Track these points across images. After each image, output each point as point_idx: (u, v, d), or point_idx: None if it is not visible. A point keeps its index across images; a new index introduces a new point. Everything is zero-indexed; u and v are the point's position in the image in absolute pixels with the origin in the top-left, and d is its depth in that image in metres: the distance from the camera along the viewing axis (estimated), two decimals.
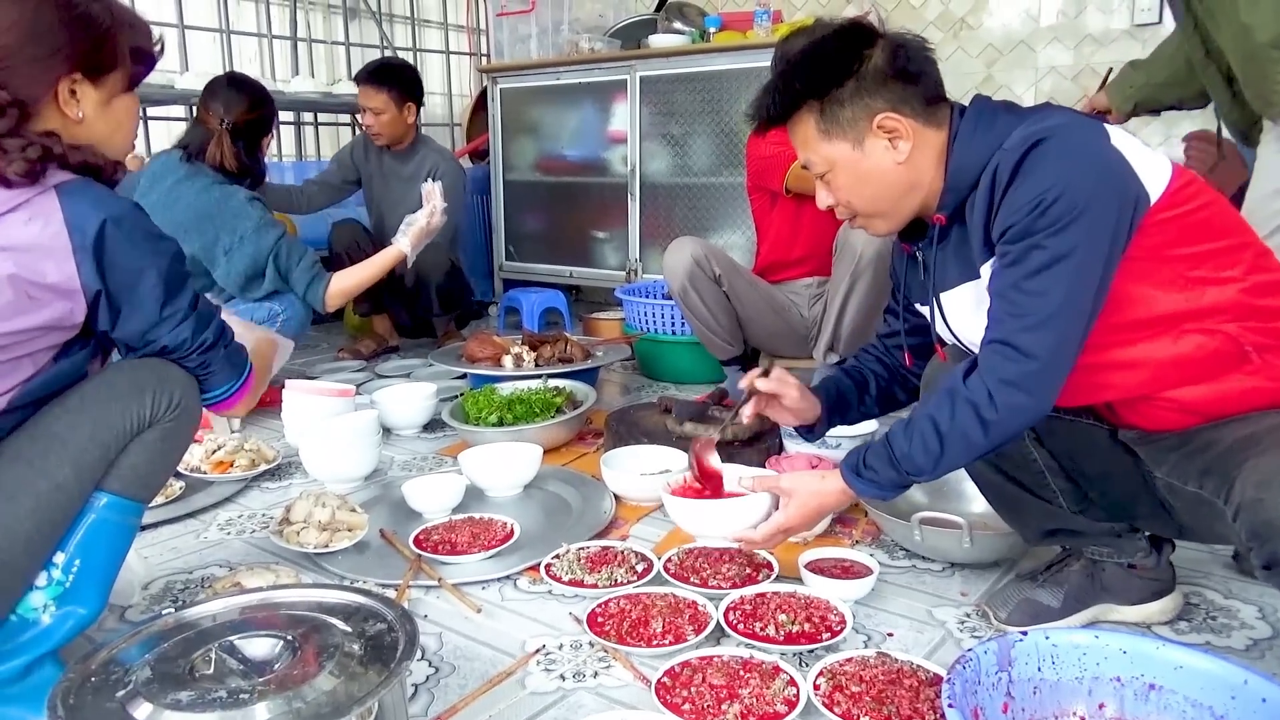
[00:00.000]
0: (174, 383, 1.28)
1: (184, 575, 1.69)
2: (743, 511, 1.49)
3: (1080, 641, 1.12)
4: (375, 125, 3.46)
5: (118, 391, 1.24)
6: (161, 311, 1.24)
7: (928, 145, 1.29)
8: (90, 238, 1.16)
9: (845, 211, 1.38)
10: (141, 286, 1.22)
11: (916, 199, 1.33)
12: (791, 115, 1.33)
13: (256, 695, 0.97)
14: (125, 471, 1.25)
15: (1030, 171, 1.16)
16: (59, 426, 1.21)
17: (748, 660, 1.28)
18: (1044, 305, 1.15)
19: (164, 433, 1.27)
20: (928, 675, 1.24)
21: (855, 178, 1.32)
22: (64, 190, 1.16)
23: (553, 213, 4.47)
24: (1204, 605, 1.51)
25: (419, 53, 5.13)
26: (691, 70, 3.79)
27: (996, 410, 1.18)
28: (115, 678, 1.02)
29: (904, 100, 1.27)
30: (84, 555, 1.23)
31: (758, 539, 1.45)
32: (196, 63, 4.16)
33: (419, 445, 2.52)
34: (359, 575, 1.63)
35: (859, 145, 1.29)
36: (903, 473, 1.27)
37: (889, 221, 1.37)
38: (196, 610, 1.17)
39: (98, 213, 1.16)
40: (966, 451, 1.23)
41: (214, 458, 2.18)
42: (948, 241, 1.33)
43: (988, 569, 1.65)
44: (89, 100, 1.25)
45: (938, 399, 1.24)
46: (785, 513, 1.42)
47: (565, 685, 1.31)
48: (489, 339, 2.85)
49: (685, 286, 2.55)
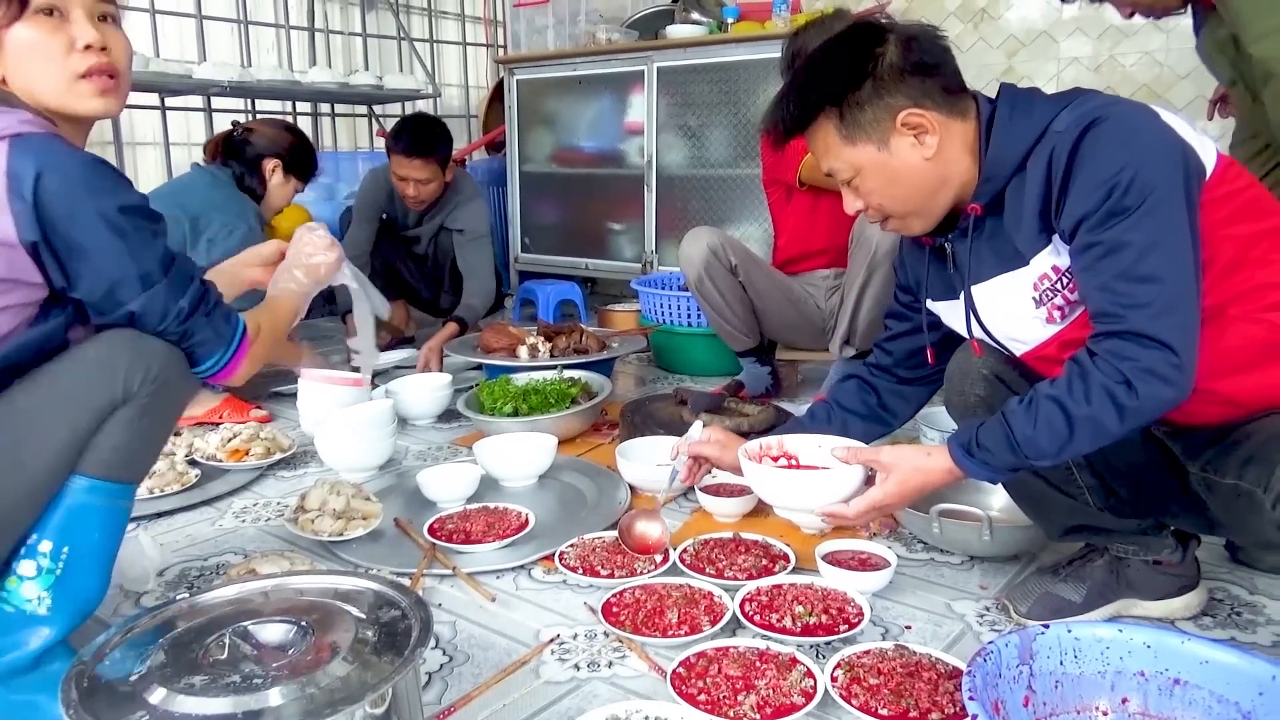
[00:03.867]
0: (150, 356, 1.21)
1: (199, 562, 1.70)
2: (833, 484, 1.40)
3: (1103, 635, 1.10)
4: (421, 195, 3.21)
5: (88, 365, 1.18)
6: (121, 268, 1.16)
7: (955, 137, 1.26)
8: (28, 184, 1.09)
9: (876, 215, 1.35)
10: (89, 238, 1.14)
11: (950, 193, 1.29)
12: (809, 124, 1.30)
13: (270, 680, 0.97)
14: (105, 453, 1.20)
15: (1092, 154, 1.14)
16: (24, 401, 1.16)
17: (764, 651, 1.27)
18: (1163, 291, 1.11)
19: (142, 409, 1.20)
20: (946, 668, 1.22)
21: (885, 179, 1.28)
22: (16, 142, 1.11)
23: (569, 204, 4.46)
24: (1229, 601, 1.49)
25: (436, 44, 5.13)
26: (709, 61, 3.77)
27: (1137, 397, 1.11)
28: (128, 662, 1.02)
29: (925, 94, 1.24)
30: (72, 541, 1.20)
31: (850, 515, 1.37)
32: (214, 53, 4.18)
33: (434, 435, 2.51)
34: (373, 563, 1.63)
35: (884, 146, 1.26)
36: (1022, 456, 1.19)
37: (924, 220, 1.33)
38: (210, 596, 1.17)
39: (38, 159, 1.10)
40: (1095, 438, 1.16)
41: (229, 446, 2.18)
42: (982, 232, 1.29)
43: (1007, 562, 1.63)
44: None
45: (1064, 383, 1.16)
46: (883, 488, 1.33)
47: (580, 675, 1.30)
48: (504, 329, 2.84)
49: (701, 276, 2.55)
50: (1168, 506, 1.37)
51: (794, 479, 1.47)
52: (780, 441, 1.59)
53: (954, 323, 1.44)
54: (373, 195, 3.40)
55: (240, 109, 4.35)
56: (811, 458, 1.54)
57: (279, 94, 4.26)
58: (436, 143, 3.17)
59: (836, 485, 1.40)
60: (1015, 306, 1.29)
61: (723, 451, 1.60)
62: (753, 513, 1.84)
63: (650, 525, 1.64)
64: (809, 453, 1.55)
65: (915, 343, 1.56)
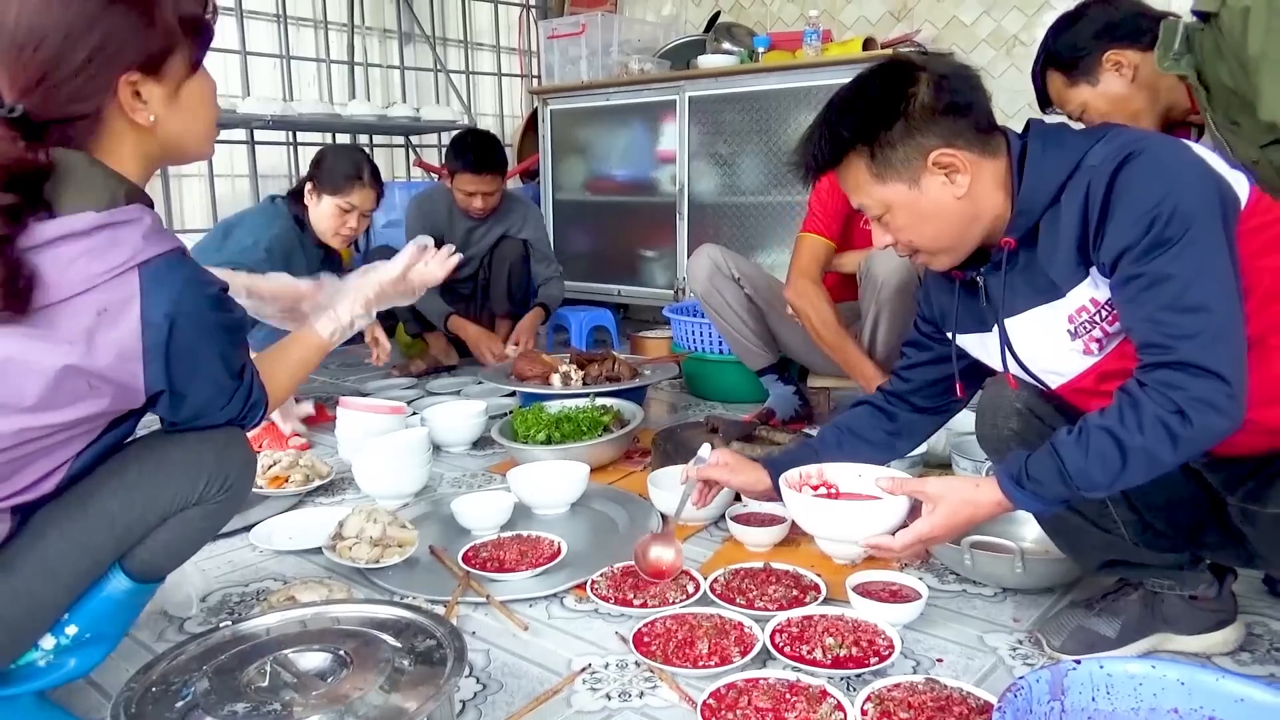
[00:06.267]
0: (230, 463, 1.23)
1: (240, 588, 1.73)
2: (878, 516, 1.39)
3: (1136, 671, 1.10)
4: (488, 206, 3.44)
5: (175, 471, 1.19)
6: (217, 391, 1.19)
7: (986, 174, 1.27)
8: (162, 335, 1.08)
9: (905, 250, 1.35)
10: (204, 379, 1.16)
11: (979, 229, 1.30)
12: (840, 161, 1.32)
13: (309, 708, 1.00)
14: (155, 552, 1.21)
15: (1130, 187, 1.14)
16: (112, 504, 1.16)
17: (794, 683, 1.27)
18: (1211, 321, 1.11)
19: (207, 512, 1.23)
20: (978, 703, 1.22)
21: (915, 217, 1.29)
22: (147, 274, 1.06)
23: (601, 232, 4.51)
24: (1268, 636, 1.47)
25: (471, 75, 5.23)
26: (740, 90, 3.81)
27: (1191, 427, 1.10)
28: (175, 689, 1.05)
29: (956, 134, 1.25)
30: (96, 629, 1.20)
31: (896, 547, 1.36)
32: (257, 88, 4.29)
33: (468, 462, 2.55)
34: (409, 591, 1.65)
35: (915, 185, 1.27)
36: (1074, 488, 1.18)
37: (952, 256, 1.34)
38: (252, 624, 1.20)
39: (171, 302, 1.07)
40: (1149, 469, 1.15)
41: (270, 473, 2.23)
42: (1015, 265, 1.30)
43: (1041, 595, 1.62)
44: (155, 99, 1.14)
45: (1115, 414, 1.15)
46: (930, 520, 1.32)
47: (611, 705, 1.31)
48: (537, 357, 2.88)
49: (708, 288, 2.65)
50: (1204, 539, 1.36)
51: (838, 510, 1.45)
52: (820, 470, 1.59)
53: (983, 356, 1.44)
54: (424, 221, 3.50)
55: (282, 141, 4.46)
56: (851, 486, 1.53)
57: (320, 126, 4.37)
58: (499, 155, 3.43)
59: (881, 517, 1.39)
60: (1051, 339, 1.29)
61: (731, 474, 1.61)
62: (784, 542, 1.85)
63: (664, 550, 1.65)
64: (849, 481, 1.54)
65: (933, 372, 1.57)
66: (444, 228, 3.53)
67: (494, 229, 3.59)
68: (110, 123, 1.12)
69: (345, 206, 2.74)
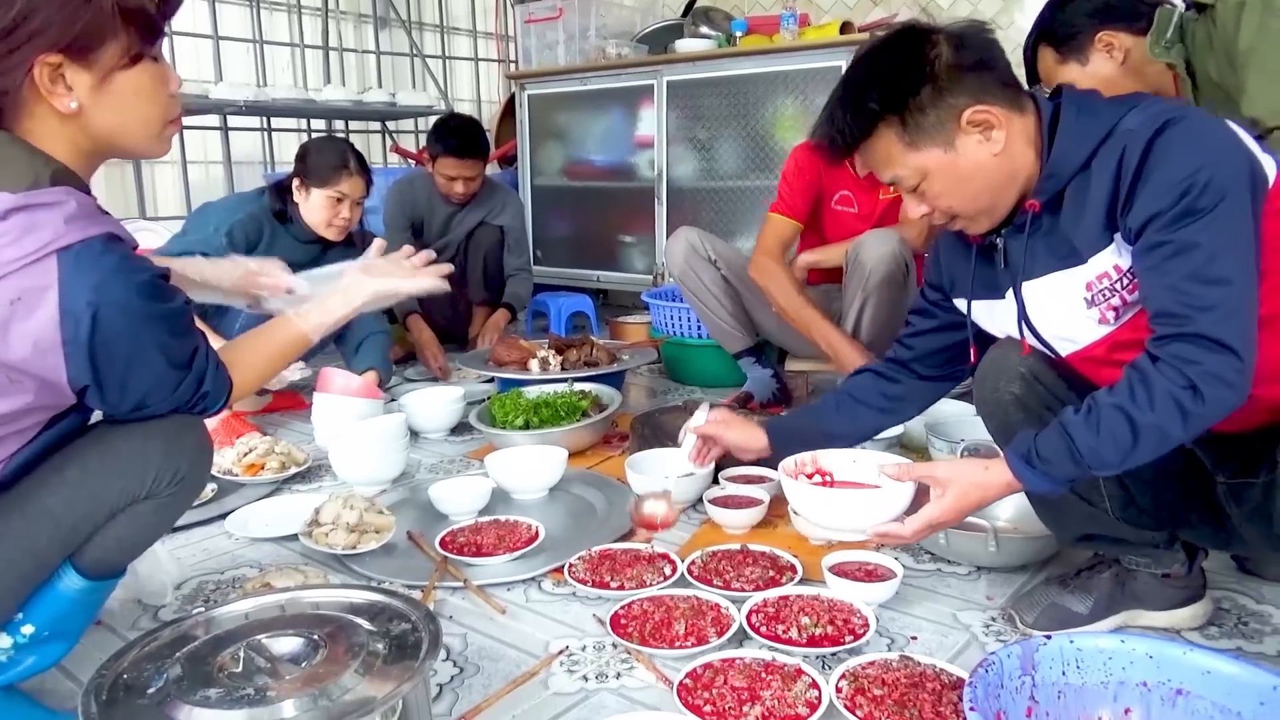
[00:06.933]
0: (182, 455, 1.19)
1: (215, 576, 1.72)
2: (886, 503, 1.37)
3: (1105, 646, 1.11)
4: (469, 190, 3.44)
5: (121, 466, 1.15)
6: (158, 380, 1.13)
7: (1018, 131, 1.25)
8: (84, 327, 1.02)
9: (943, 218, 1.33)
10: (139, 370, 1.10)
11: (1016, 188, 1.28)
12: (869, 135, 1.28)
13: (283, 693, 0.99)
14: (107, 549, 1.17)
15: (1167, 155, 1.13)
16: (53, 501, 1.11)
17: (770, 663, 1.28)
18: (1231, 295, 1.10)
19: (159, 506, 1.19)
20: (951, 679, 1.23)
21: (954, 180, 1.27)
22: (66, 260, 1.00)
23: (580, 217, 4.50)
24: (1235, 610, 1.49)
25: (448, 60, 5.18)
26: (718, 74, 3.80)
27: (1203, 403, 1.09)
28: (147, 675, 1.04)
29: (984, 89, 1.23)
30: (54, 628, 1.18)
31: (906, 534, 1.34)
32: (230, 73, 4.24)
33: (446, 448, 2.54)
34: (386, 576, 1.65)
35: (950, 147, 1.25)
36: (1085, 467, 1.17)
37: (991, 217, 1.31)
38: (226, 609, 1.19)
39: (95, 291, 1.01)
40: (1159, 446, 1.14)
41: (245, 460, 2.21)
42: (1038, 229, 1.28)
43: (1014, 573, 1.64)
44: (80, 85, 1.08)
45: (1125, 390, 1.14)
46: (940, 505, 1.30)
47: (588, 686, 1.32)
48: (515, 343, 2.87)
49: (685, 269, 2.67)
50: (1186, 517, 1.37)
51: (844, 499, 1.42)
52: (814, 458, 1.57)
53: (993, 321, 1.42)
54: (403, 206, 3.51)
55: (257, 127, 4.41)
56: (847, 473, 1.51)
57: (294, 112, 4.32)
58: (482, 140, 3.43)
59: (889, 504, 1.37)
60: (1067, 305, 1.27)
61: (728, 430, 1.61)
62: (761, 524, 1.85)
63: (658, 503, 1.65)
64: (844, 468, 1.52)
65: (939, 340, 1.56)
66: (423, 213, 3.53)
67: (473, 215, 3.57)
68: (31, 104, 1.07)
69: (335, 197, 2.72)
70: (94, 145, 1.14)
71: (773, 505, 1.89)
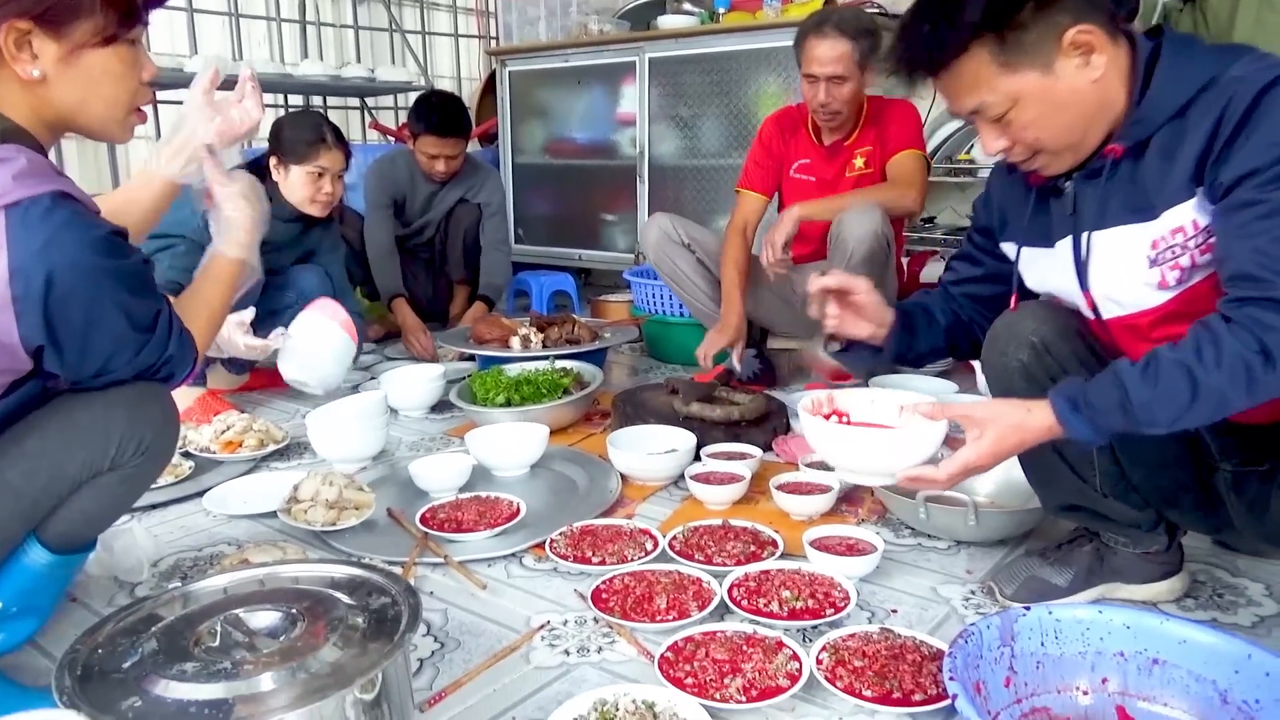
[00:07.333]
0: (146, 425, 1.16)
1: (193, 553, 1.71)
2: (915, 444, 1.26)
3: (1083, 616, 1.12)
4: (449, 169, 3.41)
5: (83, 436, 1.12)
6: (119, 343, 1.10)
7: (1116, 61, 1.16)
8: (36, 285, 1.00)
9: (1025, 151, 1.22)
10: (97, 330, 1.07)
11: (1104, 126, 1.19)
12: (962, 54, 1.16)
13: (261, 666, 0.98)
14: (73, 522, 1.15)
15: (1274, 109, 1.06)
16: (12, 474, 1.09)
17: (751, 635, 1.28)
18: None
19: (124, 477, 1.17)
20: (930, 650, 1.24)
21: (1048, 107, 1.16)
22: (15, 216, 0.98)
23: (562, 196, 4.47)
24: (1211, 583, 1.50)
25: (428, 35, 5.12)
26: (700, 52, 3.77)
27: (1274, 371, 1.03)
28: (122, 650, 1.03)
29: (1088, 9, 1.14)
30: (22, 603, 1.17)
31: (941, 478, 1.22)
32: (205, 46, 4.17)
33: (427, 426, 2.53)
34: (366, 553, 1.64)
35: (1049, 70, 1.14)
36: (1134, 420, 1.09)
37: (1076, 154, 1.22)
38: (203, 584, 1.18)
39: (47, 251, 0.99)
40: (1216, 410, 1.08)
41: (223, 438, 2.19)
42: (1115, 176, 1.20)
43: (993, 547, 1.65)
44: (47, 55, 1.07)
45: (1191, 347, 1.07)
46: (976, 448, 1.19)
47: (569, 660, 1.31)
48: (496, 320, 2.85)
49: (659, 254, 2.71)
50: (1179, 500, 1.36)
51: (873, 439, 1.29)
52: (830, 397, 1.45)
53: (1034, 272, 1.36)
54: (385, 184, 3.48)
55: None
56: (864, 414, 1.40)
57: (270, 87, 4.24)
58: (464, 119, 3.38)
59: (920, 444, 1.26)
60: (1127, 263, 1.20)
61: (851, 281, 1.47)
62: (742, 500, 1.86)
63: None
64: (861, 409, 1.41)
65: (984, 289, 1.49)
66: (405, 190, 3.51)
67: (454, 192, 3.54)
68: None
69: (315, 172, 2.67)
70: (55, 117, 1.13)
71: (754, 481, 1.89)
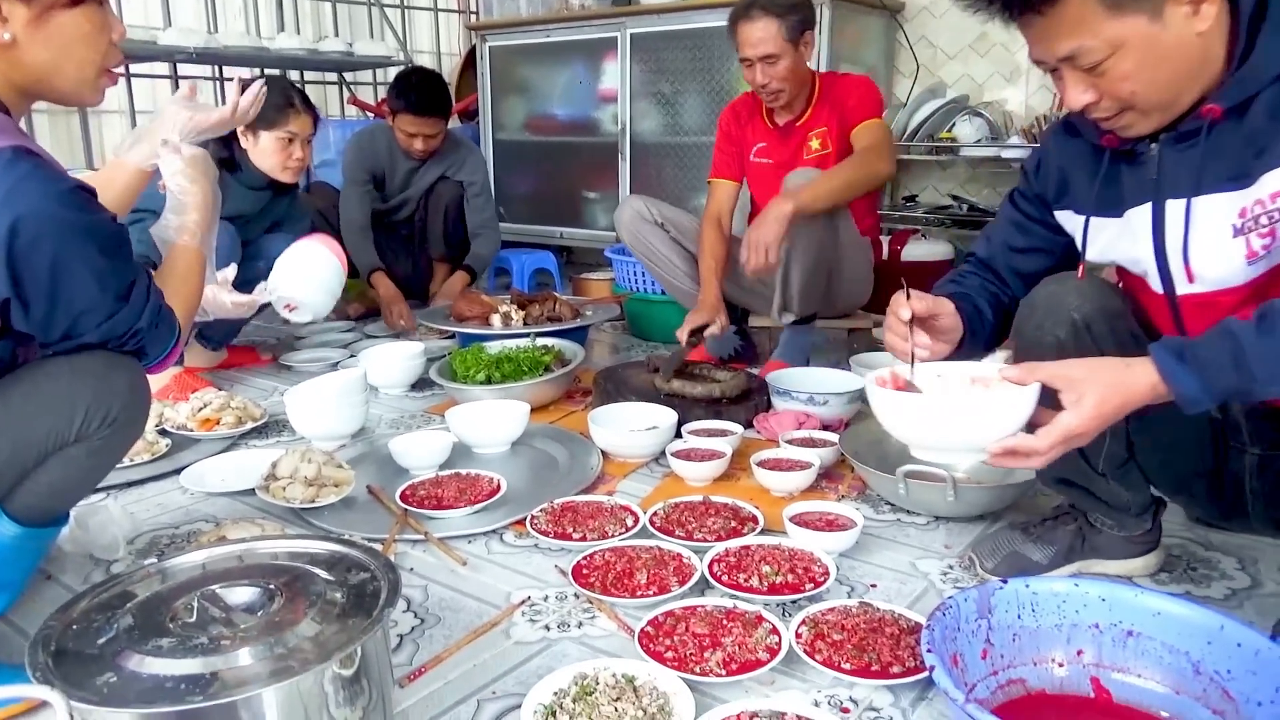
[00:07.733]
0: (114, 395, 1.14)
1: (170, 530, 1.69)
2: (1007, 412, 1.09)
3: (1060, 590, 1.13)
4: (429, 147, 3.39)
5: (48, 404, 1.10)
6: (88, 303, 1.09)
7: (1221, 15, 1.07)
8: (2, 235, 0.99)
9: (1113, 107, 1.13)
10: (64, 285, 1.05)
11: (1201, 83, 1.10)
12: None
13: (238, 641, 0.98)
14: (39, 494, 1.13)
15: None
16: None
17: (731, 610, 1.29)
18: None
19: (91, 450, 1.15)
20: (909, 624, 1.25)
21: (1151, 58, 1.07)
22: None
23: (543, 173, 4.44)
24: (1185, 557, 1.52)
25: (406, 9, 5.05)
26: (683, 27, 3.75)
27: None
28: (97, 625, 1.02)
29: None
30: None
31: (1041, 449, 1.08)
32: (180, 18, 4.10)
33: (407, 404, 2.51)
34: (346, 530, 1.63)
35: (1157, 17, 1.05)
36: (1246, 375, 0.99)
37: (1165, 114, 1.13)
38: (179, 561, 1.17)
39: (12, 201, 0.99)
40: None
41: (200, 415, 2.17)
42: (1211, 139, 1.12)
43: (972, 522, 1.66)
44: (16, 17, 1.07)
45: None
46: (1078, 413, 1.06)
47: (550, 635, 1.31)
48: (477, 298, 2.84)
49: (633, 234, 2.72)
50: (1191, 485, 1.36)
51: (960, 409, 1.12)
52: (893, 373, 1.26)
53: (1095, 245, 1.28)
54: (363, 159, 3.45)
55: (207, 76, 4.28)
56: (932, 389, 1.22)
57: (246, 61, 4.19)
58: (444, 97, 3.34)
59: (1012, 412, 1.09)
60: (1212, 233, 1.13)
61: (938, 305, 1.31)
62: (723, 477, 1.86)
63: None
64: (928, 383, 1.23)
65: (1029, 263, 1.40)
66: (384, 167, 3.47)
67: (434, 170, 3.51)
68: None
69: (286, 137, 2.62)
70: (26, 80, 1.13)
71: (735, 458, 1.90)
